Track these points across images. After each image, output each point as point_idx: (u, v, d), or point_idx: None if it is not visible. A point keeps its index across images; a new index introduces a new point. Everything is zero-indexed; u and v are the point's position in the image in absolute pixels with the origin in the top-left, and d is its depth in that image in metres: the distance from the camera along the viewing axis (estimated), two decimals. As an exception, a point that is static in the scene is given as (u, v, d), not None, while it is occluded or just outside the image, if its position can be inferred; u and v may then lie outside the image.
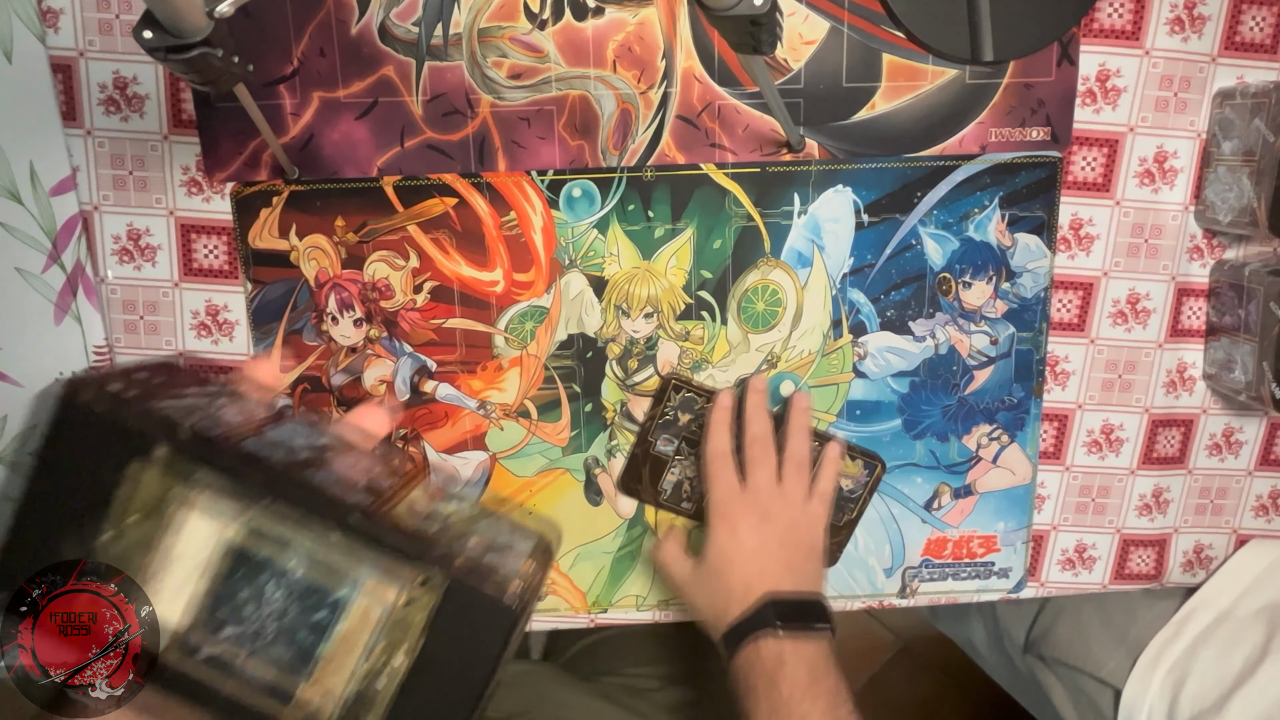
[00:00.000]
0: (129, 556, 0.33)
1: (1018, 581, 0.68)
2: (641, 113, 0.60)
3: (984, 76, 0.60)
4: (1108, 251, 0.63)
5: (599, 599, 0.67)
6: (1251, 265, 0.60)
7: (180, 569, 0.33)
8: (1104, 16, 0.59)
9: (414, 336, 0.63)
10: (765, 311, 0.63)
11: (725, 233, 0.62)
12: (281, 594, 0.32)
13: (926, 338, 0.64)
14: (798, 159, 0.61)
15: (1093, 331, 0.64)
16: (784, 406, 0.63)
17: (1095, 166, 0.61)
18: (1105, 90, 0.60)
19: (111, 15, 0.58)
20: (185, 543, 0.33)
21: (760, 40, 0.43)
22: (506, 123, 0.59)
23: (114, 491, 0.32)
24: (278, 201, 0.61)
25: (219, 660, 0.33)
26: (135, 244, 0.61)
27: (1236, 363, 0.61)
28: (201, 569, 0.33)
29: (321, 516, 0.32)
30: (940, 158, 0.61)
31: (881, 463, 0.64)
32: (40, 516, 0.33)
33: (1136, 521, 0.68)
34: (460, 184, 0.61)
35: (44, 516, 0.33)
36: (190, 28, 0.40)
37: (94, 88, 0.59)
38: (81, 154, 0.60)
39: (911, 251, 0.62)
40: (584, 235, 0.61)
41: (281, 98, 0.59)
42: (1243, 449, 0.67)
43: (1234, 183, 0.58)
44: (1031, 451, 0.66)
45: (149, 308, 0.62)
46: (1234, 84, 0.60)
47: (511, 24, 0.58)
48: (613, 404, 0.64)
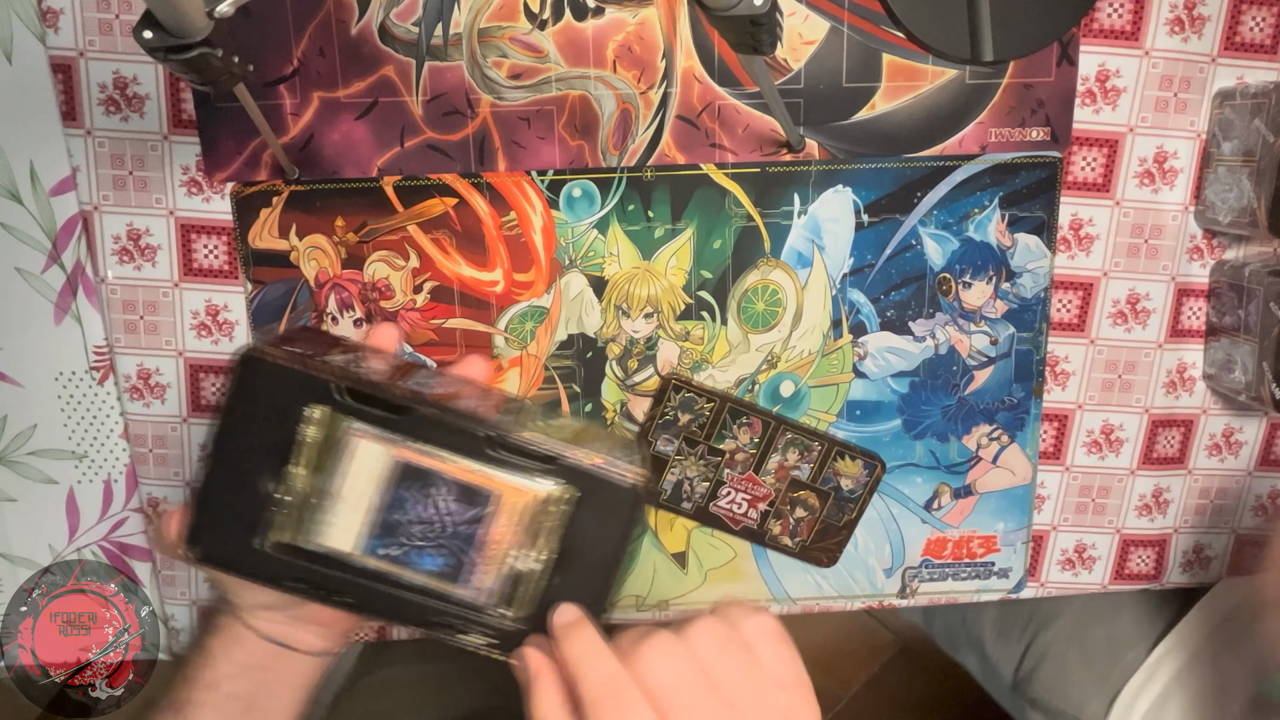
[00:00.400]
0: (315, 481, 0.40)
1: (1018, 582, 0.68)
2: (641, 113, 0.60)
3: (984, 76, 0.60)
4: (1108, 252, 0.63)
5: (599, 599, 0.67)
6: (1251, 265, 0.60)
7: (358, 485, 0.40)
8: (1104, 17, 0.59)
9: (414, 336, 0.63)
10: (765, 312, 0.63)
11: (725, 233, 0.62)
12: (443, 498, 0.40)
13: (926, 338, 0.64)
14: (798, 159, 0.61)
15: (1093, 332, 0.64)
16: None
17: (1095, 167, 0.61)
18: (1105, 90, 0.60)
19: (111, 15, 0.58)
20: (360, 463, 0.39)
21: (760, 40, 0.43)
22: (506, 123, 0.59)
23: (298, 429, 0.39)
24: (278, 201, 0.61)
25: (397, 557, 0.40)
26: (135, 244, 0.61)
27: (1236, 363, 0.61)
28: (376, 483, 0.40)
29: (467, 439, 0.39)
30: (940, 158, 0.61)
31: (881, 463, 0.65)
32: (235, 457, 0.40)
33: (1136, 522, 0.68)
34: (460, 184, 0.61)
35: (239, 457, 0.40)
36: (190, 28, 0.40)
37: (94, 88, 0.59)
38: (81, 154, 0.60)
39: (911, 252, 0.62)
40: (584, 235, 0.61)
41: (281, 98, 0.59)
42: (1243, 449, 0.67)
43: (1234, 183, 0.59)
44: (1031, 452, 0.66)
45: (149, 308, 0.62)
46: (1234, 84, 0.60)
47: (511, 24, 0.58)
48: (613, 404, 0.64)
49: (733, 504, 0.65)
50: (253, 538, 0.40)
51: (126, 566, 0.68)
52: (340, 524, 0.40)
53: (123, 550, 0.68)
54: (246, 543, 0.40)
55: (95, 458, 0.66)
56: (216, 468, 0.40)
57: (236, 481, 0.40)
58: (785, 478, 0.65)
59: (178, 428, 0.65)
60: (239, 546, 0.40)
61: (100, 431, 0.65)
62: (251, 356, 0.39)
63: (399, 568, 0.41)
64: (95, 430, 0.65)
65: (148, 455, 0.65)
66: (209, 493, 0.40)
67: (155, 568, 0.68)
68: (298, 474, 0.40)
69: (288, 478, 0.40)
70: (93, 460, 0.66)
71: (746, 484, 0.65)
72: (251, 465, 0.39)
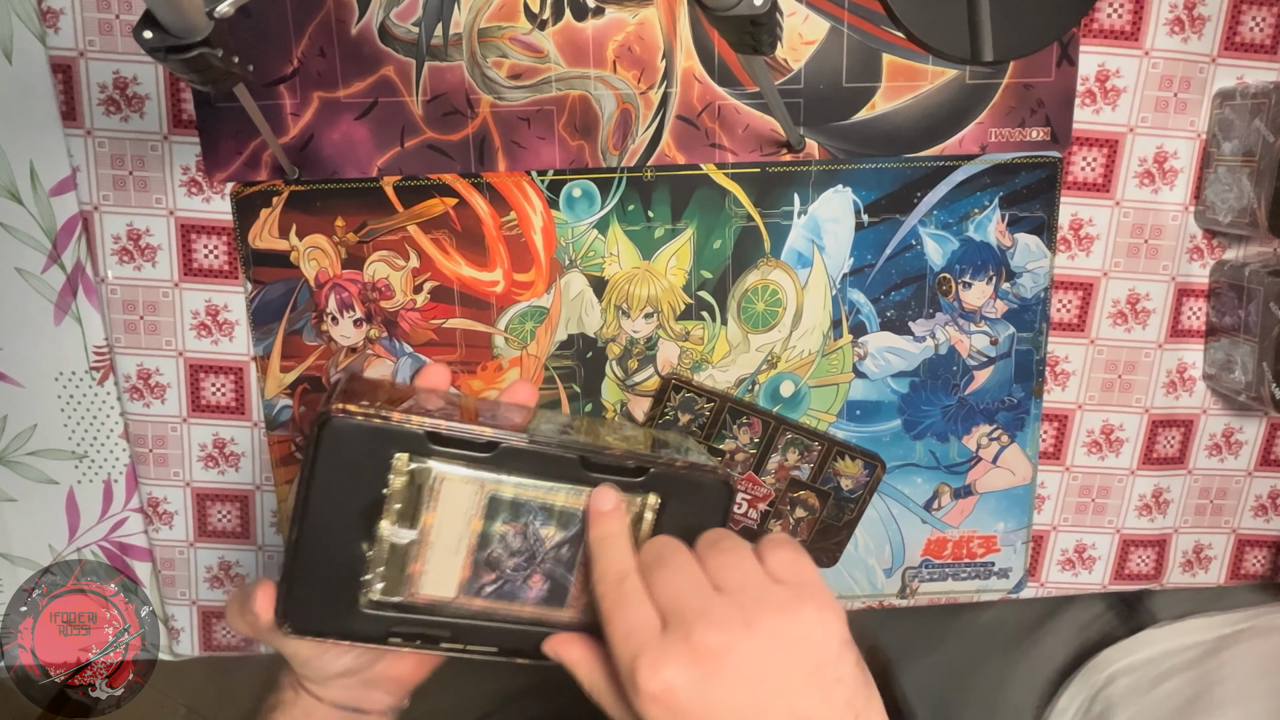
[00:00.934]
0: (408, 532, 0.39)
1: (1018, 582, 0.68)
2: (641, 113, 0.60)
3: (984, 77, 0.60)
4: (1108, 252, 0.63)
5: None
6: (1251, 266, 0.60)
7: (453, 529, 0.39)
8: (1103, 17, 0.59)
9: (414, 336, 0.63)
10: (765, 312, 0.63)
11: (725, 233, 0.62)
12: (537, 526, 0.40)
13: (926, 338, 0.64)
14: (798, 159, 0.61)
15: (1093, 332, 0.64)
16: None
17: (1095, 167, 0.61)
18: (1105, 90, 0.60)
19: (111, 15, 0.58)
20: (451, 506, 0.39)
21: (760, 40, 0.43)
22: (506, 123, 0.59)
23: (385, 483, 0.38)
24: (278, 201, 0.61)
25: (499, 592, 0.40)
26: (135, 244, 0.61)
27: (1236, 363, 0.61)
28: (469, 524, 0.39)
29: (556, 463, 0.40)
30: (940, 158, 0.61)
31: (881, 463, 0.65)
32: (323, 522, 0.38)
33: (1136, 522, 0.68)
34: (460, 184, 0.61)
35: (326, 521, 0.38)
36: (190, 28, 0.40)
37: (94, 88, 0.59)
38: (81, 154, 0.60)
39: (911, 252, 0.62)
40: (584, 235, 0.61)
41: (281, 98, 0.59)
42: (1243, 449, 0.67)
43: (1234, 183, 0.58)
44: (1031, 452, 0.66)
45: (149, 308, 0.62)
46: (1234, 84, 0.60)
47: (511, 24, 0.58)
48: (613, 404, 0.64)
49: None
50: (351, 602, 0.39)
51: (126, 566, 0.68)
52: (438, 571, 0.39)
53: (123, 550, 0.68)
54: (345, 608, 0.39)
55: (95, 458, 0.66)
56: (304, 536, 0.38)
57: (327, 547, 0.38)
58: (785, 478, 0.65)
59: (178, 428, 0.65)
60: (337, 613, 0.39)
61: (100, 431, 0.65)
62: (329, 417, 0.37)
63: (503, 603, 0.40)
64: (95, 430, 0.65)
65: (148, 455, 0.65)
66: (299, 563, 0.39)
67: (155, 568, 0.68)
68: (390, 528, 0.39)
69: (380, 534, 0.39)
70: (93, 460, 0.66)
71: (746, 484, 0.65)
72: (341, 528, 0.38)
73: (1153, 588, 0.69)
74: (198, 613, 0.68)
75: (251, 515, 0.66)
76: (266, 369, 0.63)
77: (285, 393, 0.64)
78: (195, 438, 0.65)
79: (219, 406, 0.64)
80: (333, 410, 0.37)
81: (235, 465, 0.65)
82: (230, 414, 0.64)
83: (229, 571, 0.67)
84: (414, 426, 0.38)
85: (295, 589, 0.39)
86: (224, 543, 0.67)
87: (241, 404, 0.64)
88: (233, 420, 0.64)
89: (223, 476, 0.66)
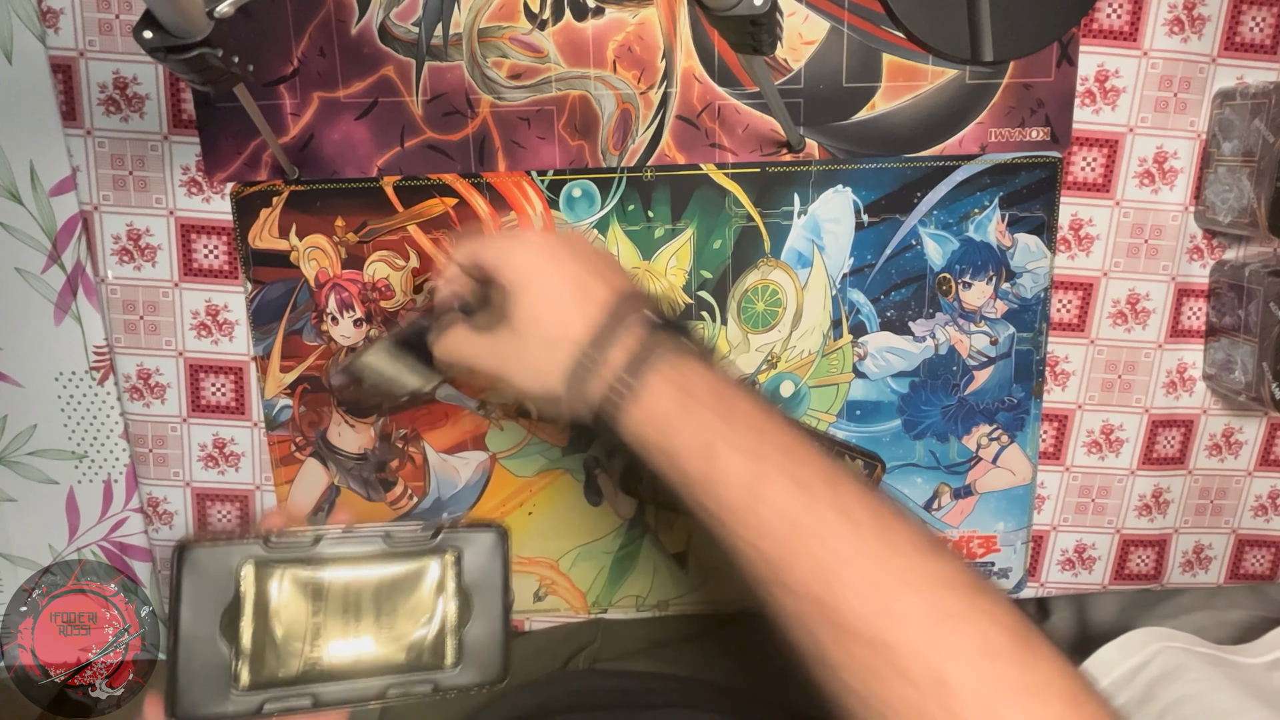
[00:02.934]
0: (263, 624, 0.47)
1: (1018, 582, 0.68)
2: (641, 113, 0.60)
3: (984, 77, 0.60)
4: (1108, 252, 0.63)
5: (599, 599, 0.67)
6: (1251, 266, 0.60)
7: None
8: (1103, 17, 0.59)
9: (414, 336, 0.63)
10: (765, 312, 0.63)
11: (725, 233, 0.62)
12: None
13: (926, 338, 0.64)
14: (798, 159, 0.61)
15: (1093, 332, 0.64)
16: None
17: (1095, 167, 0.61)
18: (1104, 91, 0.60)
19: (111, 15, 0.58)
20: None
21: (760, 40, 0.43)
22: (506, 123, 0.59)
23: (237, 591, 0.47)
24: (278, 201, 0.61)
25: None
26: (135, 244, 0.61)
27: (1236, 363, 0.61)
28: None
29: (363, 549, 0.49)
30: (940, 158, 0.61)
31: (881, 463, 0.64)
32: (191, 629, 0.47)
33: (1136, 522, 0.68)
34: (460, 184, 0.61)
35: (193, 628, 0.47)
36: (190, 28, 0.40)
37: (94, 88, 0.59)
38: (81, 154, 0.60)
39: (911, 252, 0.62)
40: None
41: (281, 98, 0.59)
42: (1243, 449, 0.67)
43: (1234, 183, 0.59)
44: (1031, 452, 0.66)
45: (149, 308, 0.62)
46: (1234, 84, 0.60)
47: (511, 24, 0.58)
48: (613, 404, 0.64)
49: None
50: (224, 689, 0.47)
51: (126, 566, 0.68)
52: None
53: (123, 550, 0.68)
54: (220, 696, 0.47)
55: (95, 458, 0.66)
56: (178, 643, 0.46)
57: (197, 653, 0.46)
58: None
59: (178, 428, 0.65)
60: (217, 701, 0.47)
61: (100, 431, 0.65)
62: (184, 544, 0.46)
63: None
64: (95, 430, 0.65)
65: (148, 455, 0.65)
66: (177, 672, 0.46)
67: (155, 568, 0.68)
68: (244, 624, 0.47)
69: (240, 630, 0.47)
70: (93, 460, 0.66)
71: None
72: (206, 630, 0.47)
73: (1153, 588, 0.69)
74: None
75: (251, 515, 0.66)
76: (266, 369, 0.63)
77: (285, 393, 0.64)
78: (195, 438, 0.65)
79: (219, 406, 0.64)
80: (184, 540, 0.47)
81: (235, 465, 0.65)
82: (230, 414, 0.64)
83: (229, 571, 0.67)
84: (249, 540, 0.47)
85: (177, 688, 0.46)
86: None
87: (241, 404, 0.64)
88: (233, 420, 0.64)
89: (223, 476, 0.66)
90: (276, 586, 0.48)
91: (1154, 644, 0.60)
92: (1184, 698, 0.56)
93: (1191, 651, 0.60)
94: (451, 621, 0.49)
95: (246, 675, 0.47)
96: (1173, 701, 0.56)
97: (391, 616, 0.49)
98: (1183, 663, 0.58)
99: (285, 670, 0.48)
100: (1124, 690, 0.59)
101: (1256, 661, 0.61)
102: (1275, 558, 0.69)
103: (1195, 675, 0.57)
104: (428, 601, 0.49)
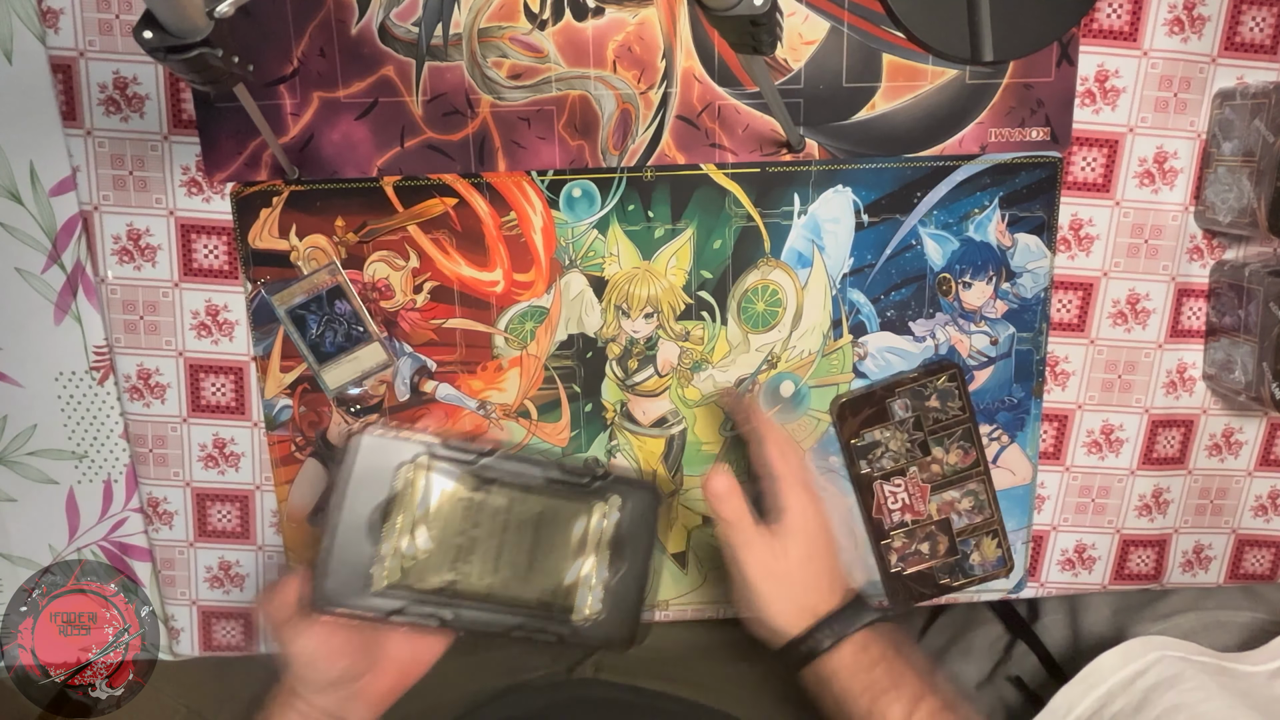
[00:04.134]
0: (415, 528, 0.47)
1: (1018, 582, 0.68)
2: (641, 113, 0.60)
3: (984, 77, 0.60)
4: (1108, 252, 0.63)
5: (599, 599, 0.67)
6: (1251, 266, 0.60)
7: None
8: (1103, 17, 0.59)
9: (414, 337, 0.63)
10: (765, 312, 0.63)
11: (725, 233, 0.62)
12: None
13: (926, 338, 0.64)
14: (798, 159, 0.61)
15: (1093, 332, 0.64)
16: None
17: (1095, 167, 0.61)
18: (1104, 91, 0.60)
19: (111, 15, 0.58)
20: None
21: (760, 40, 0.43)
22: (506, 123, 0.59)
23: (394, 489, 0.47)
24: (278, 201, 0.61)
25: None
26: (135, 244, 0.61)
27: (1236, 363, 0.61)
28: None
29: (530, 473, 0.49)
30: (940, 158, 0.61)
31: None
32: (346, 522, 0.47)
33: (1136, 522, 0.68)
34: (460, 184, 0.61)
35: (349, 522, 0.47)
36: (190, 28, 0.40)
37: (94, 88, 0.59)
38: (81, 154, 0.60)
39: (911, 252, 0.62)
40: (584, 235, 0.61)
41: (281, 98, 0.59)
42: (1243, 449, 0.67)
43: (1234, 183, 0.58)
44: (1031, 452, 0.66)
45: (149, 308, 0.62)
46: (1234, 84, 0.60)
47: (511, 24, 0.58)
48: (613, 404, 0.64)
49: (892, 494, 0.65)
50: (366, 586, 0.47)
51: (126, 566, 0.68)
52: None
53: (123, 550, 0.68)
54: (361, 591, 0.47)
55: (95, 458, 0.66)
56: (329, 534, 0.46)
57: (348, 543, 0.47)
58: (946, 514, 0.65)
59: (178, 428, 0.65)
60: (353, 594, 0.47)
61: (100, 431, 0.65)
62: (356, 434, 0.47)
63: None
64: (95, 430, 0.65)
65: (148, 455, 0.65)
66: (327, 557, 0.47)
67: (155, 568, 0.68)
68: (396, 527, 0.47)
69: (390, 530, 0.47)
70: (93, 460, 0.66)
71: (917, 492, 0.65)
72: (360, 524, 0.47)
73: (1153, 588, 0.69)
74: (198, 613, 0.68)
75: (251, 515, 0.66)
76: (266, 369, 0.63)
77: (285, 392, 0.64)
78: (195, 438, 0.65)
79: (219, 406, 0.64)
80: (357, 430, 0.47)
81: (235, 465, 0.65)
82: (230, 414, 0.64)
83: (229, 571, 0.67)
84: (418, 442, 0.47)
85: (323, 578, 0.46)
86: (224, 543, 0.67)
87: (241, 404, 0.64)
88: (233, 420, 0.64)
89: (223, 476, 0.66)
90: (436, 495, 0.47)
91: (1154, 652, 0.60)
92: (1177, 706, 0.56)
93: (1190, 660, 0.60)
94: (596, 572, 0.48)
95: (384, 578, 0.47)
96: (1166, 710, 0.57)
97: (538, 552, 0.48)
98: (1180, 671, 0.58)
99: (422, 584, 0.47)
100: (1120, 697, 0.59)
101: (1258, 670, 0.61)
102: (1275, 558, 0.69)
103: (1191, 684, 0.57)
104: (576, 545, 0.48)
